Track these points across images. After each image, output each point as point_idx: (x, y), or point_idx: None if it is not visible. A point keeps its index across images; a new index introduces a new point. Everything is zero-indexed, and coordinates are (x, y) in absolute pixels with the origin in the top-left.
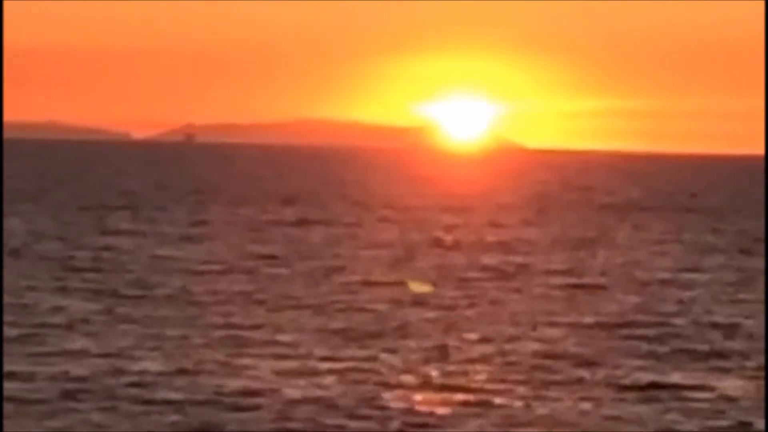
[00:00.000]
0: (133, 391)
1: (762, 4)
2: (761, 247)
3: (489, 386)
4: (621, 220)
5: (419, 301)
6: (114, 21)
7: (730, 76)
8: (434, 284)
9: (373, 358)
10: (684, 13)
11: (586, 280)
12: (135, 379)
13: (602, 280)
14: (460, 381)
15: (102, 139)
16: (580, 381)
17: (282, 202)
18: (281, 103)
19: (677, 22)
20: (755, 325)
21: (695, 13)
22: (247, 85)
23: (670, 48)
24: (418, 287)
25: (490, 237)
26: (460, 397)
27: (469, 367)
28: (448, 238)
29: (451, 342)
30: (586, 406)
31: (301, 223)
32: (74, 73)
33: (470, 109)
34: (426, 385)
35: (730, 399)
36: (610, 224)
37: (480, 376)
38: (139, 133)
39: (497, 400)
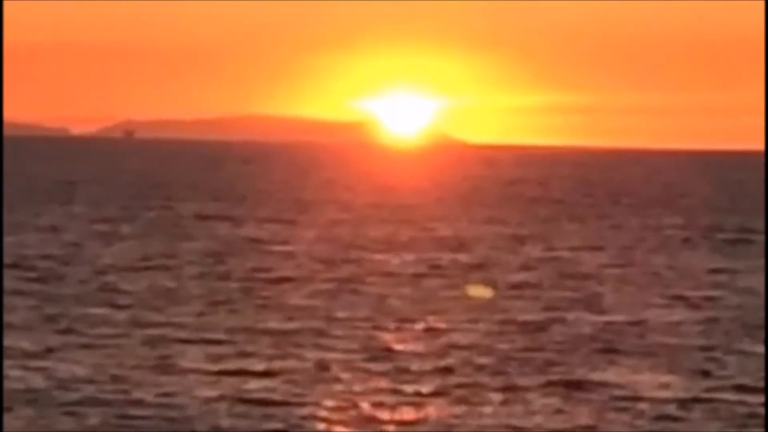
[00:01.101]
0: (62, 392)
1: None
2: (703, 242)
3: (423, 386)
4: (558, 216)
5: (353, 301)
6: (52, 16)
7: (667, 72)
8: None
9: (306, 358)
10: (621, 8)
11: (519, 277)
12: (64, 378)
13: (535, 277)
14: (394, 381)
15: (39, 135)
16: (513, 379)
17: (218, 199)
18: (223, 100)
19: (614, 17)
20: (692, 322)
21: (631, 7)
22: (189, 82)
23: (607, 43)
24: (478, 292)
25: (427, 233)
26: (393, 397)
27: (404, 365)
28: (384, 235)
29: (386, 341)
30: (518, 404)
31: (235, 220)
32: (10, 68)
33: (410, 105)
34: (360, 383)
35: (658, 398)
36: (546, 220)
37: (414, 374)
38: (77, 129)
39: (430, 399)
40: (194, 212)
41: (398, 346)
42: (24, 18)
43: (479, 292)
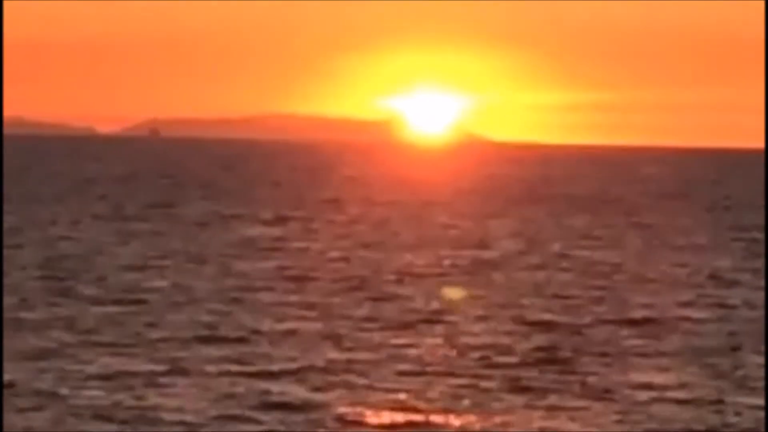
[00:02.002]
0: (75, 392)
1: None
2: (729, 240)
3: (440, 386)
4: (580, 213)
5: (372, 300)
6: (77, 15)
7: (695, 69)
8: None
9: (324, 358)
10: (646, 6)
11: (540, 276)
12: (78, 378)
13: (557, 275)
14: (411, 382)
15: (65, 134)
16: (532, 379)
17: (239, 197)
18: (247, 99)
19: (641, 15)
20: (716, 322)
21: (657, 5)
22: (214, 81)
23: (634, 41)
24: (453, 294)
25: (448, 232)
26: (410, 398)
27: (421, 366)
28: (404, 233)
29: (404, 341)
30: (538, 406)
31: (255, 218)
32: (37, 68)
33: (436, 103)
34: (377, 384)
35: (678, 399)
36: (569, 218)
37: (432, 375)
38: (103, 128)
39: (448, 400)
40: (214, 211)
41: (416, 347)
42: (50, 17)
43: (455, 293)
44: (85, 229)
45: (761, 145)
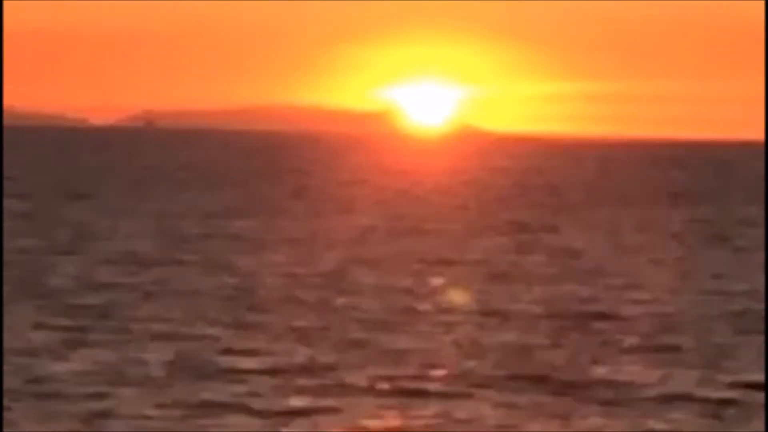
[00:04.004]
0: (66, 391)
1: None
2: (727, 234)
3: (429, 384)
4: (573, 207)
5: (356, 295)
6: (72, 6)
7: (695, 60)
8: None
9: (301, 354)
10: None
11: (532, 270)
12: (67, 380)
13: (548, 270)
14: (399, 380)
15: (61, 125)
16: (518, 376)
17: (228, 190)
18: (244, 89)
19: (639, 6)
20: (714, 319)
21: None
22: (209, 71)
23: (632, 31)
24: (458, 296)
25: (438, 225)
26: (398, 398)
27: (410, 360)
28: (393, 226)
29: (379, 336)
30: (521, 401)
31: (242, 211)
32: (31, 58)
33: (433, 94)
34: (362, 382)
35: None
36: (562, 211)
37: (410, 370)
38: (98, 119)
39: (428, 396)
40: (200, 203)
41: (395, 342)
42: (46, 8)
43: (459, 296)
44: (66, 223)
45: (761, 136)
